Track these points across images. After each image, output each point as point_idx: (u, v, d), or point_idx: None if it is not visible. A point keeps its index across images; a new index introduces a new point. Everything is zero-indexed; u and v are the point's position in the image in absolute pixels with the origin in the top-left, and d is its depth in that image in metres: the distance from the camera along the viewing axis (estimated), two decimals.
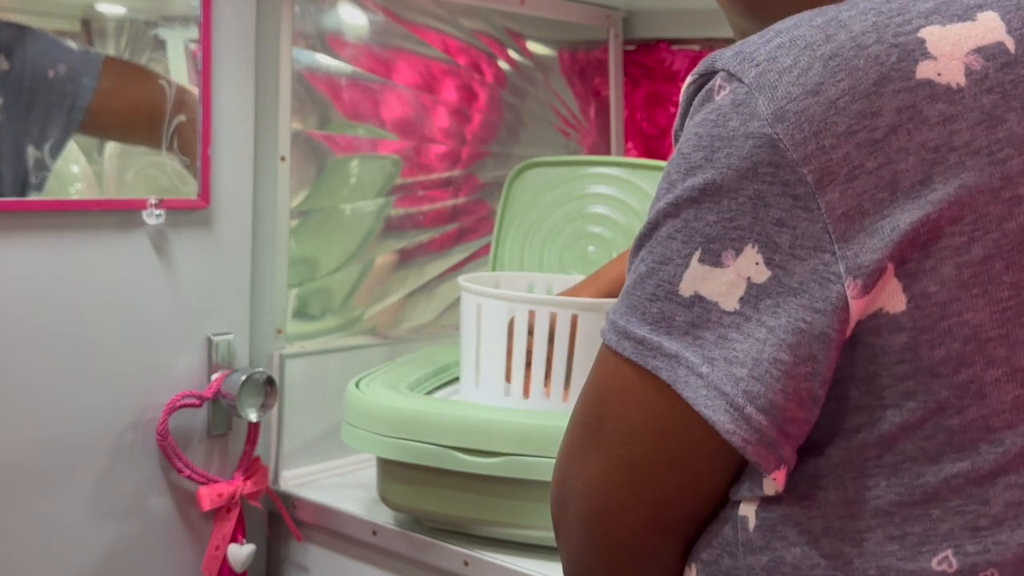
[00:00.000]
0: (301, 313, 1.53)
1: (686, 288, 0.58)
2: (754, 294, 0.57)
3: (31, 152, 1.22)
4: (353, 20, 1.56)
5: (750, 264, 0.56)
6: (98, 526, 1.33)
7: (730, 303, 0.57)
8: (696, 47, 1.86)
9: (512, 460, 1.19)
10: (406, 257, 1.65)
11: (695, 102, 0.61)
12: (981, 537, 0.56)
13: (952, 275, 0.55)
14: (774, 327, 0.56)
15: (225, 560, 1.40)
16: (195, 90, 1.35)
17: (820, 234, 0.55)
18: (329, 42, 1.52)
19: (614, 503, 0.62)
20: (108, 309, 1.31)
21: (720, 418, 0.57)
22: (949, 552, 0.56)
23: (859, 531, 0.57)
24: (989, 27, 0.57)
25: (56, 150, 1.24)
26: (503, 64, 1.76)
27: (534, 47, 1.81)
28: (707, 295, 0.58)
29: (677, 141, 0.62)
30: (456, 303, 1.71)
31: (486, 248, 1.76)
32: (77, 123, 1.26)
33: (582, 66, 1.89)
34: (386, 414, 1.26)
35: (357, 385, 1.34)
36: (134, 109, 1.32)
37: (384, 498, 1.31)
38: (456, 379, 1.44)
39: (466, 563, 1.25)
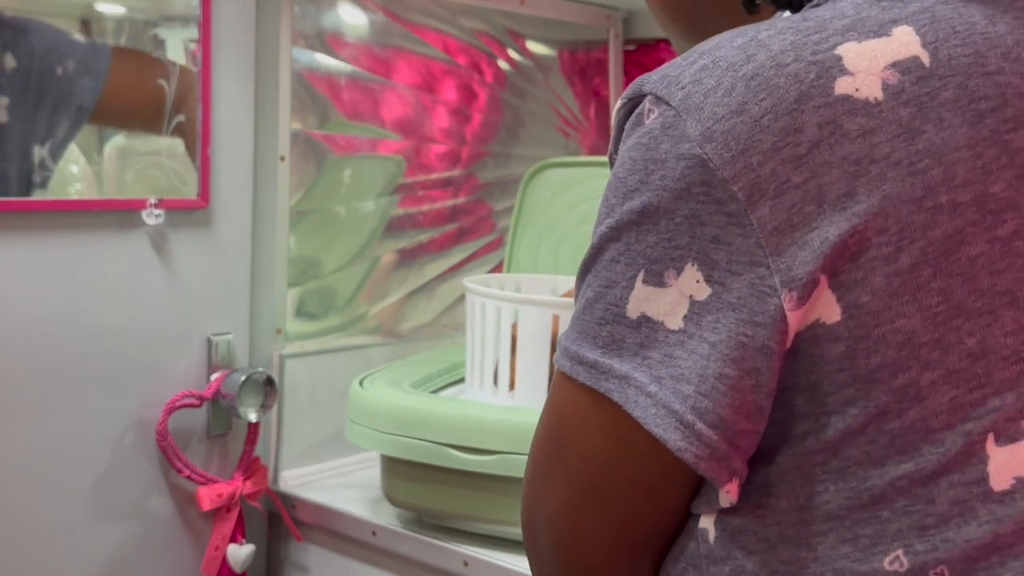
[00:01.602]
0: (303, 312, 1.53)
1: (633, 310, 0.60)
2: (696, 311, 0.58)
3: (37, 151, 1.22)
4: (353, 20, 1.56)
5: (691, 282, 0.58)
6: (98, 526, 1.32)
7: (675, 322, 0.59)
8: None
9: (507, 458, 1.19)
10: (406, 257, 1.65)
11: (627, 126, 0.62)
12: (929, 536, 0.57)
13: (882, 284, 0.56)
14: (716, 343, 0.57)
15: (225, 560, 1.40)
16: (194, 69, 1.35)
17: (754, 249, 0.57)
18: (329, 42, 1.52)
19: (581, 527, 0.64)
20: (108, 309, 1.31)
21: (671, 436, 0.58)
22: (900, 552, 0.57)
23: (812, 536, 0.59)
24: (904, 42, 0.59)
25: (62, 146, 1.24)
26: (503, 64, 1.76)
27: (534, 47, 1.81)
28: (653, 315, 0.59)
29: (612, 165, 0.64)
30: (456, 303, 1.72)
31: (486, 248, 1.76)
32: (86, 116, 1.26)
33: (582, 66, 1.89)
34: (386, 411, 1.27)
35: (361, 383, 1.35)
36: (142, 97, 1.32)
37: (387, 495, 1.32)
38: (462, 379, 1.44)
39: (466, 563, 1.25)
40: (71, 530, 1.30)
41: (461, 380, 1.45)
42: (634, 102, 0.62)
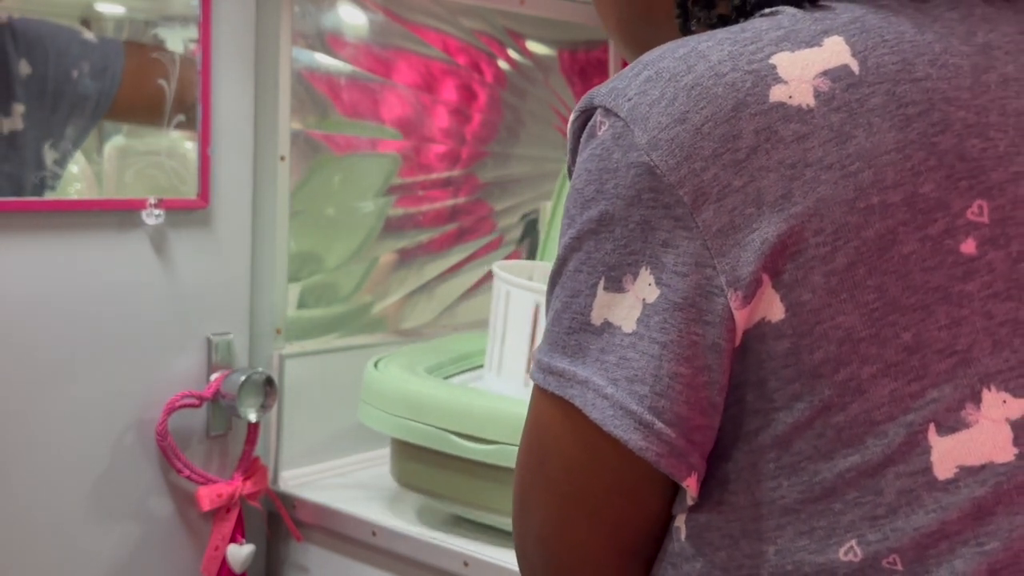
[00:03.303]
0: (304, 305, 1.53)
1: (596, 316, 0.62)
2: (647, 313, 0.60)
3: (49, 155, 1.23)
4: (353, 20, 1.56)
5: (645, 286, 0.60)
6: (98, 526, 1.32)
7: (630, 325, 0.61)
8: None
9: (506, 448, 1.20)
10: (405, 257, 1.65)
11: (582, 139, 0.65)
12: (879, 525, 0.59)
13: (821, 283, 0.58)
14: (667, 343, 0.60)
15: (224, 560, 1.40)
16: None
17: (700, 251, 0.59)
18: (329, 42, 1.52)
19: (569, 539, 0.66)
20: (107, 309, 1.31)
21: (631, 436, 0.60)
22: (853, 542, 0.59)
23: (771, 530, 0.61)
24: (835, 51, 0.61)
25: (74, 147, 1.25)
26: (503, 64, 1.76)
27: (534, 47, 1.81)
28: (613, 320, 0.61)
29: (570, 176, 0.66)
30: (456, 303, 1.72)
31: (486, 248, 1.76)
32: (101, 115, 1.26)
33: (582, 66, 1.89)
34: (394, 394, 1.29)
35: (376, 365, 1.36)
36: (153, 90, 1.32)
37: (396, 476, 1.33)
38: (478, 367, 1.44)
39: (466, 563, 1.25)
40: (71, 530, 1.30)
41: (477, 367, 1.45)
42: (586, 114, 0.64)
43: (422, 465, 1.28)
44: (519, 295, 1.30)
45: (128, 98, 1.29)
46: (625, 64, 0.66)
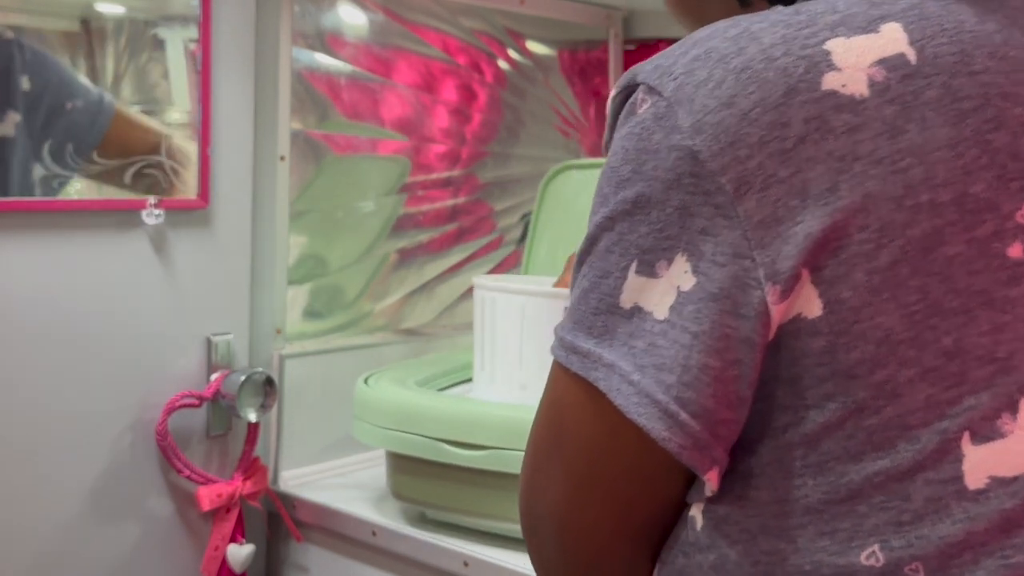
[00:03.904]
0: (310, 312, 1.53)
1: (626, 300, 0.60)
2: (680, 301, 0.59)
3: (38, 169, 1.23)
4: (353, 20, 1.56)
5: (680, 273, 0.59)
6: (97, 526, 1.32)
7: (662, 312, 0.59)
8: None
9: (498, 454, 1.20)
10: (406, 257, 1.65)
11: (620, 116, 0.63)
12: (904, 532, 0.58)
13: (863, 281, 0.57)
14: (698, 333, 0.58)
15: (224, 560, 1.40)
16: (192, 147, 1.36)
17: (740, 241, 0.57)
18: (328, 42, 1.52)
19: (581, 518, 0.64)
20: (107, 309, 1.31)
21: (654, 425, 0.59)
22: (876, 547, 0.58)
23: (792, 528, 0.60)
24: (892, 39, 0.59)
25: (65, 178, 1.26)
26: (503, 64, 1.76)
27: (534, 47, 1.81)
28: (644, 306, 0.60)
29: (606, 152, 0.64)
30: (456, 303, 1.71)
31: (486, 248, 1.76)
32: (89, 151, 1.27)
33: (582, 66, 1.89)
34: (385, 407, 1.29)
35: (366, 381, 1.36)
36: (138, 150, 1.33)
37: (391, 490, 1.33)
38: (469, 379, 1.45)
39: (466, 564, 1.25)
40: (71, 530, 1.30)
41: (468, 380, 1.45)
42: (628, 91, 0.62)
43: (416, 477, 1.28)
44: (505, 301, 1.30)
45: (110, 149, 1.30)
46: (639, 56, 0.64)
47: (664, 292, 0.59)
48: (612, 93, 0.64)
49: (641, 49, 1.93)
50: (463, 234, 1.73)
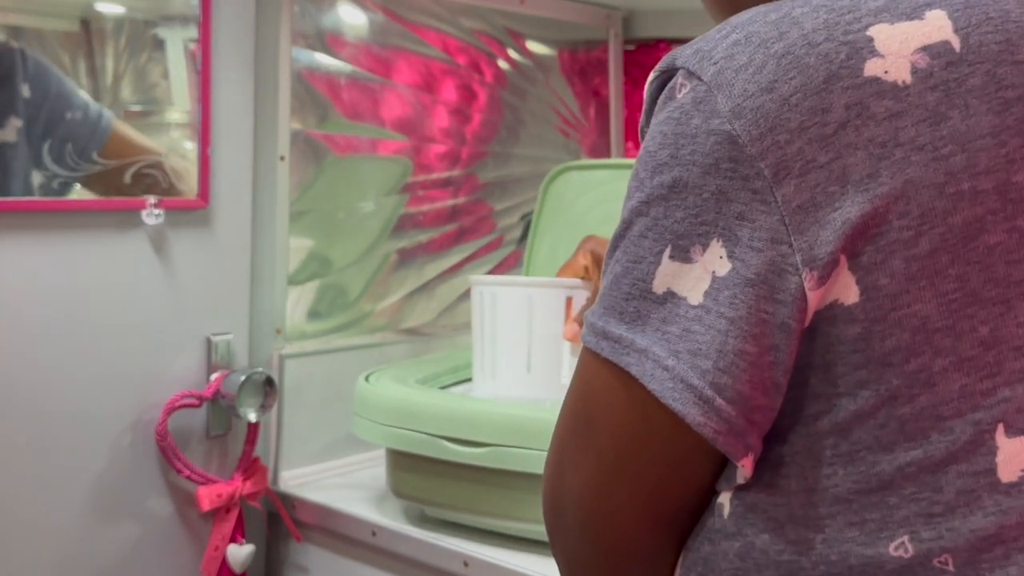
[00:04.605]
0: (314, 313, 1.53)
1: (659, 285, 0.60)
2: (716, 287, 0.58)
3: (36, 176, 1.24)
4: (352, 19, 1.56)
5: (715, 258, 0.58)
6: (97, 526, 1.32)
7: (696, 297, 0.59)
8: None
9: (498, 451, 1.20)
10: (406, 257, 1.65)
11: (659, 100, 0.62)
12: (935, 524, 0.57)
13: (901, 268, 0.57)
14: (735, 318, 0.58)
15: (224, 560, 1.40)
16: (192, 167, 1.36)
17: (777, 226, 0.57)
18: (328, 41, 1.52)
19: (610, 506, 0.64)
20: (107, 309, 1.31)
21: (690, 411, 0.58)
22: (905, 538, 0.58)
23: (820, 517, 0.59)
24: (936, 26, 0.59)
25: (65, 181, 1.26)
26: (503, 64, 1.76)
27: (534, 47, 1.81)
28: (678, 291, 0.59)
29: (643, 137, 0.64)
30: (456, 303, 1.71)
31: (486, 248, 1.76)
32: (88, 159, 1.28)
33: (582, 66, 1.89)
34: (385, 404, 1.29)
35: (367, 379, 1.36)
36: (135, 158, 1.33)
37: (391, 488, 1.33)
38: (470, 379, 1.45)
39: (466, 563, 1.25)
40: (71, 530, 1.30)
41: (469, 380, 1.45)
42: (666, 75, 0.62)
43: (416, 474, 1.28)
44: (506, 295, 1.30)
45: (112, 157, 1.31)
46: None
47: (699, 277, 0.59)
48: (650, 77, 0.63)
49: (641, 49, 1.93)
50: (463, 234, 1.73)
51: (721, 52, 0.59)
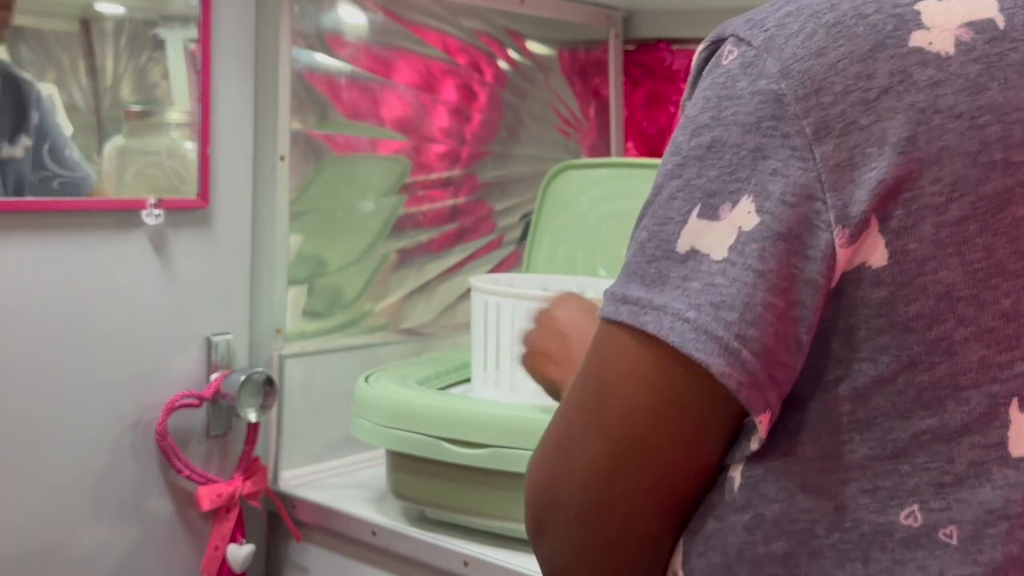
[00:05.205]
0: (309, 312, 1.53)
1: (683, 244, 0.60)
2: (742, 241, 0.59)
3: (36, 176, 1.25)
4: (352, 19, 1.56)
5: (744, 214, 0.59)
6: (97, 526, 1.32)
7: (720, 252, 0.59)
8: (696, 47, 1.86)
9: (498, 452, 1.20)
10: (406, 257, 1.65)
11: (705, 69, 0.64)
12: (945, 494, 0.58)
13: (930, 233, 0.57)
14: (764, 271, 0.58)
15: (224, 560, 1.40)
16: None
17: (813, 183, 0.58)
18: (328, 41, 1.52)
19: (616, 489, 0.63)
20: (107, 309, 1.31)
21: (714, 361, 0.58)
22: (915, 507, 0.58)
23: (833, 485, 0.60)
24: (982, 3, 0.61)
25: (65, 181, 1.28)
26: (503, 64, 1.76)
27: (534, 47, 1.81)
28: (701, 248, 0.60)
29: (683, 111, 0.64)
30: (456, 303, 1.71)
31: (486, 248, 1.76)
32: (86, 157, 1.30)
33: (582, 66, 1.89)
34: (385, 406, 1.29)
35: (366, 380, 1.36)
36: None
37: (391, 489, 1.33)
38: (469, 379, 1.45)
39: (466, 563, 1.25)
40: (71, 530, 1.30)
41: (468, 380, 1.46)
42: (715, 45, 0.64)
43: (416, 475, 1.28)
44: (510, 305, 1.30)
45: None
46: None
47: (725, 233, 0.59)
48: (700, 48, 0.65)
49: (641, 49, 1.93)
50: (463, 234, 1.73)
51: (773, 21, 0.61)
